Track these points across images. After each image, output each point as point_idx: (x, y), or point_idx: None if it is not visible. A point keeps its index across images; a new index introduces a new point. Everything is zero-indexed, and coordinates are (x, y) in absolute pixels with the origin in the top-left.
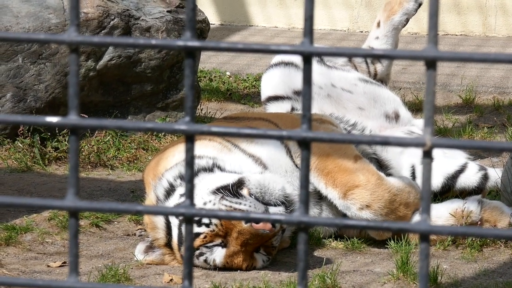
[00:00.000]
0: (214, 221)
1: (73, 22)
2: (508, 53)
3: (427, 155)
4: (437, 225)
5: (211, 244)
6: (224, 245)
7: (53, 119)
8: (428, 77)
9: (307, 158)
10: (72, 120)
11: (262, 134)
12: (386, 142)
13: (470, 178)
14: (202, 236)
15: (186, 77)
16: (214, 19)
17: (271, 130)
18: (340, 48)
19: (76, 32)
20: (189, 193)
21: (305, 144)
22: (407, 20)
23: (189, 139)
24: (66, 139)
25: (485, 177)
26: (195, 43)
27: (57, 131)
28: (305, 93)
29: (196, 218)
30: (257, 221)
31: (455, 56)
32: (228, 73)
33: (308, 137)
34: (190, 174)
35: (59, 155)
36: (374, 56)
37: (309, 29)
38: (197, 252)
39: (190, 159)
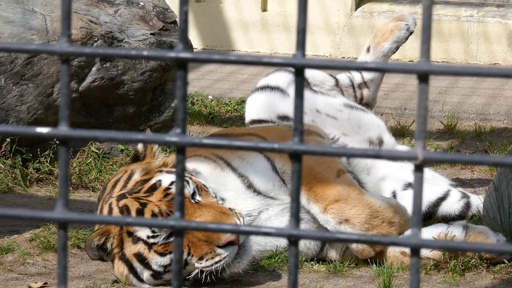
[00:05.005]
0: None
1: (64, 33)
2: (500, 68)
3: (419, 169)
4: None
5: None
6: None
7: (43, 130)
8: (420, 91)
9: (299, 170)
10: (63, 131)
11: (254, 147)
12: (378, 155)
13: (452, 206)
14: None
15: (177, 89)
16: (196, 44)
17: (263, 143)
18: (333, 61)
19: (68, 43)
20: (179, 206)
21: (296, 157)
22: (397, 48)
23: (180, 151)
24: (48, 161)
25: (467, 205)
26: (187, 55)
27: (39, 152)
28: (297, 105)
29: None
30: (248, 234)
31: (447, 69)
32: (210, 97)
33: (300, 150)
34: (180, 186)
35: (40, 176)
36: (367, 69)
37: (301, 42)
38: None
39: (181, 171)
